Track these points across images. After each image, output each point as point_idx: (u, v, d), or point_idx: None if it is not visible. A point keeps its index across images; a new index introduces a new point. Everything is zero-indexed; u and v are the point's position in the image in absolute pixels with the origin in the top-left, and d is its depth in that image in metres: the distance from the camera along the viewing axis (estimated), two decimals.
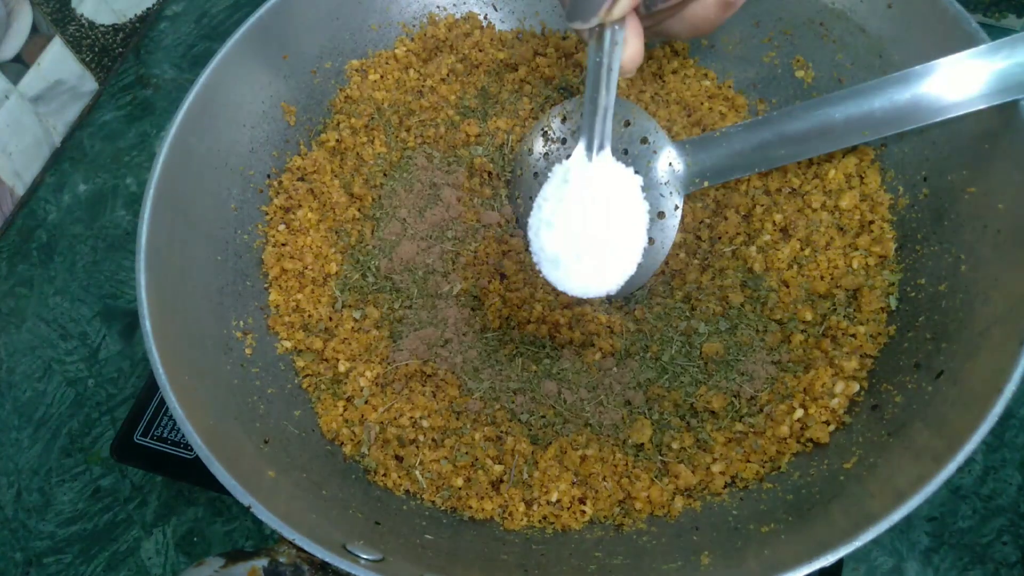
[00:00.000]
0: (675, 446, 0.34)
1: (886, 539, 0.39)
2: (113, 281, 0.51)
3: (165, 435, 0.41)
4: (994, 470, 0.40)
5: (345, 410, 0.37)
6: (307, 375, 0.38)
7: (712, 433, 0.34)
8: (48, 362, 0.48)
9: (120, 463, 0.43)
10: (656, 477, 0.34)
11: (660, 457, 0.35)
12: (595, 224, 0.29)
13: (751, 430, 0.34)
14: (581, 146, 0.30)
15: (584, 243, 0.29)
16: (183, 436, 0.40)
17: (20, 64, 0.52)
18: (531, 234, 0.30)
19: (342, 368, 0.38)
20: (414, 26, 0.47)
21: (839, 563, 0.34)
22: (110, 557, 0.42)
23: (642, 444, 0.35)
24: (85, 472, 0.45)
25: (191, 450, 0.40)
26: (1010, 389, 0.28)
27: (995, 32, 0.44)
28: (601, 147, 0.29)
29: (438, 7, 0.47)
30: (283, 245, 0.41)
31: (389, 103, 0.45)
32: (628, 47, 0.30)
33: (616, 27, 0.29)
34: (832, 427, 0.33)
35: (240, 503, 0.29)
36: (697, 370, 0.36)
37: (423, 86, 0.45)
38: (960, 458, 0.27)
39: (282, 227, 0.41)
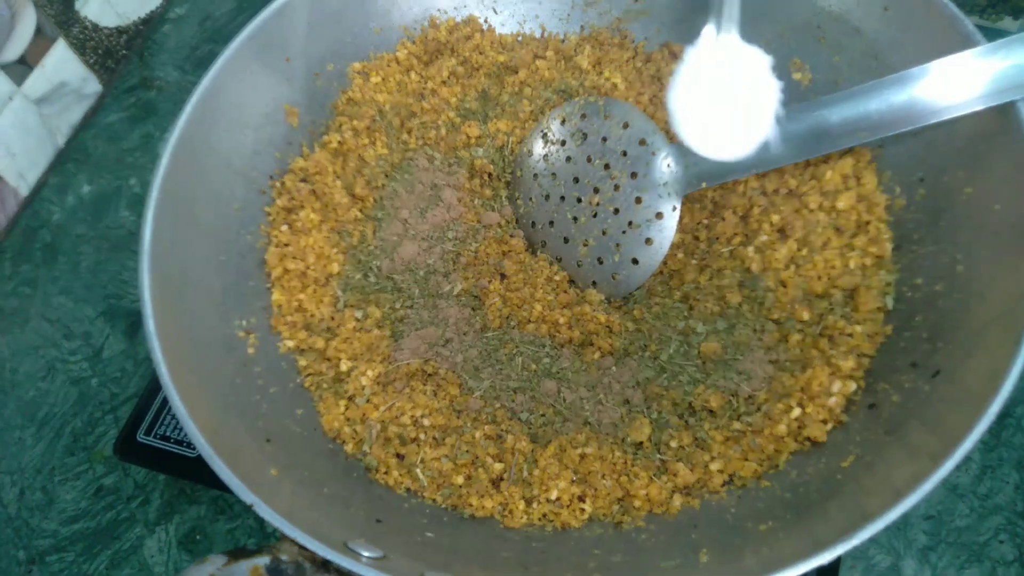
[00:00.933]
0: (673, 444, 0.35)
1: (883, 537, 0.39)
2: (116, 281, 0.51)
3: (168, 434, 0.42)
4: (991, 469, 0.40)
5: (347, 409, 0.37)
6: (309, 374, 0.39)
7: (710, 432, 0.35)
8: (51, 361, 0.49)
9: (123, 462, 0.43)
10: (655, 475, 0.34)
11: (659, 455, 0.35)
12: (727, 95, 0.32)
13: (749, 429, 0.34)
14: (708, 29, 0.32)
15: (720, 112, 0.32)
16: (186, 435, 0.40)
17: (24, 66, 0.52)
18: (672, 107, 0.33)
19: (344, 367, 0.38)
20: (415, 29, 0.47)
21: (837, 561, 0.35)
22: (113, 555, 0.42)
23: (641, 443, 0.35)
24: (88, 471, 0.45)
25: (194, 449, 0.40)
26: (1007, 388, 0.28)
27: (991, 34, 0.44)
28: (728, 33, 0.32)
29: (439, 10, 0.47)
30: (286, 245, 0.41)
31: (391, 105, 0.45)
32: None
33: None
34: (829, 426, 0.34)
35: (242, 501, 0.29)
36: (695, 369, 0.36)
37: (424, 88, 0.46)
38: (957, 457, 0.27)
39: (285, 227, 0.42)
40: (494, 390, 0.37)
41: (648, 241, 0.39)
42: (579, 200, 0.41)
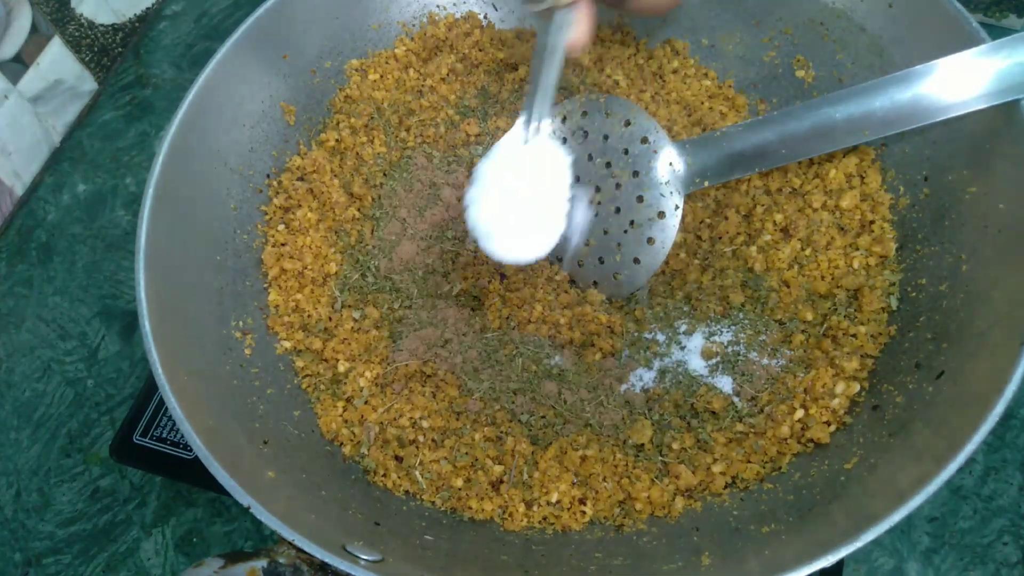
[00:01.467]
0: (675, 446, 0.34)
1: (887, 539, 0.39)
2: (112, 281, 0.51)
3: (164, 435, 0.41)
4: (995, 471, 0.40)
5: (345, 410, 0.37)
6: (306, 375, 0.38)
7: (713, 433, 0.34)
8: (47, 362, 0.48)
9: (119, 463, 0.43)
10: (656, 478, 0.34)
11: (660, 458, 0.34)
12: (520, 198, 0.31)
13: (752, 430, 0.34)
14: (519, 123, 0.31)
15: (510, 215, 0.32)
16: (182, 436, 0.40)
17: (19, 64, 0.52)
18: (466, 204, 0.32)
19: (342, 368, 0.38)
20: (414, 26, 0.47)
21: (840, 563, 0.34)
22: (109, 558, 0.42)
23: (642, 444, 0.35)
24: (84, 472, 0.45)
25: (190, 450, 0.40)
26: (1011, 389, 0.27)
27: (995, 32, 0.44)
28: (536, 124, 0.31)
29: (438, 6, 0.47)
30: (283, 245, 0.41)
31: (389, 103, 0.45)
32: (577, 28, 0.31)
33: (565, 10, 0.30)
34: (833, 427, 0.33)
35: (239, 504, 0.29)
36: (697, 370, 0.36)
37: (423, 86, 0.45)
38: (961, 458, 0.27)
39: (281, 227, 0.41)
40: (494, 391, 0.37)
41: (650, 240, 0.38)
42: None
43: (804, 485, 0.32)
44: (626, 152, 0.39)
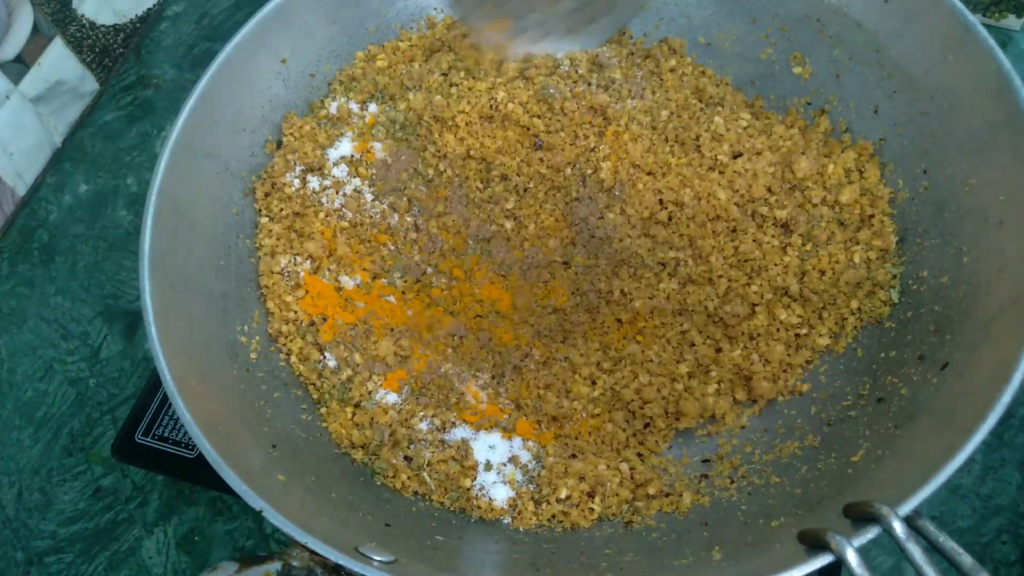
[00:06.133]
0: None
1: (885, 538, 0.38)
2: (114, 281, 0.51)
3: (166, 435, 0.41)
4: (993, 469, 0.40)
5: (353, 415, 0.37)
6: (312, 381, 0.38)
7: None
8: (49, 362, 0.48)
9: (121, 463, 0.42)
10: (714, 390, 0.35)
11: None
12: None
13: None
14: None
15: None
16: (185, 436, 0.40)
17: (21, 64, 0.52)
18: None
19: (344, 375, 0.38)
20: (412, 28, 0.47)
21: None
22: (111, 556, 0.42)
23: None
24: (86, 472, 0.44)
25: (192, 449, 0.40)
26: (1016, 379, 0.27)
27: (994, 32, 0.44)
28: None
29: (435, 9, 0.47)
30: None
31: (390, 87, 0.44)
32: None
33: None
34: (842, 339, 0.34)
35: (241, 502, 0.28)
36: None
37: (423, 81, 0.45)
38: (969, 449, 0.27)
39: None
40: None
41: None
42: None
43: (811, 478, 0.32)
44: None
